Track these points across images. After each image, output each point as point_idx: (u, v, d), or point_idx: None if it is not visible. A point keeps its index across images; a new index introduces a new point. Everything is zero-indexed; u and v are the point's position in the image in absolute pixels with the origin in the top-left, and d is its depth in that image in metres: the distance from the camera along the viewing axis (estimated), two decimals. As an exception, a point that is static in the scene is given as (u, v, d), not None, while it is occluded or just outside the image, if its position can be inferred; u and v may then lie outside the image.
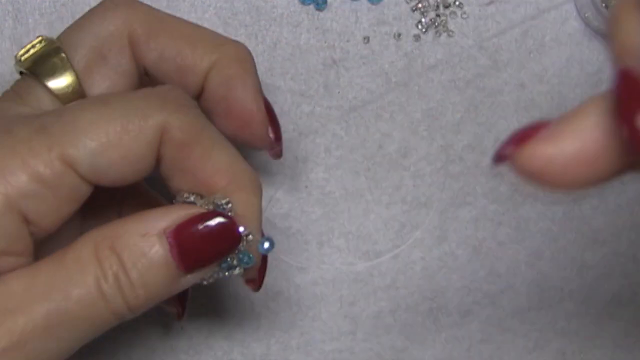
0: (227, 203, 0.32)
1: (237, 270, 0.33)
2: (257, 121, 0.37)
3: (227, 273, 0.33)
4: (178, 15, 0.44)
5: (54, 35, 0.45)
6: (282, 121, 0.44)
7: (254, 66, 0.38)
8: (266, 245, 0.33)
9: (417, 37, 0.45)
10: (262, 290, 0.43)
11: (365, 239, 0.45)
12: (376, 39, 0.45)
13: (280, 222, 0.45)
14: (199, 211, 0.32)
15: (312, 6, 0.45)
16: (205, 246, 0.32)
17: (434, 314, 0.46)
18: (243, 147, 0.36)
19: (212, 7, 0.44)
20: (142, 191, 0.39)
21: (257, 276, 0.37)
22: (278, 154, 0.40)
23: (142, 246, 0.31)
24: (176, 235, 0.31)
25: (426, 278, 0.46)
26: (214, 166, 0.33)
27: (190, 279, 0.32)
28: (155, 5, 0.44)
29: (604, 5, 0.44)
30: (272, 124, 0.38)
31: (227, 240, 0.32)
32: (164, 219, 0.31)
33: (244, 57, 0.37)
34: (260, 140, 0.38)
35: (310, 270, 0.45)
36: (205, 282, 0.33)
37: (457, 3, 0.45)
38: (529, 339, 0.47)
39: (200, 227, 0.32)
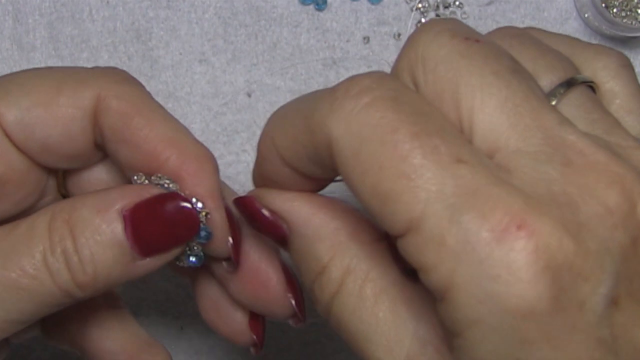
0: (169, 183, 0.31)
1: (197, 251, 0.32)
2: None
3: (189, 252, 0.32)
4: (178, 15, 0.44)
5: (54, 35, 0.45)
6: (282, 121, 0.44)
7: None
8: (202, 233, 0.31)
9: (417, 37, 0.45)
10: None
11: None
12: (376, 39, 0.45)
13: (280, 222, 0.45)
14: (159, 192, 0.31)
15: (312, 6, 0.45)
16: (161, 229, 0.30)
17: (434, 314, 0.46)
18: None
19: (212, 7, 0.44)
20: None
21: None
22: (301, 320, 0.35)
23: (96, 221, 0.30)
24: (132, 214, 0.30)
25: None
26: (156, 136, 0.31)
27: (148, 264, 0.31)
28: (155, 5, 0.44)
29: (603, 5, 0.44)
30: (291, 286, 0.34)
31: (184, 226, 0.31)
32: (123, 198, 0.30)
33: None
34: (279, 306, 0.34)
35: (310, 270, 0.45)
36: (179, 264, 0.32)
37: (457, 3, 0.45)
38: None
39: (158, 209, 0.30)
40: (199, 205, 0.31)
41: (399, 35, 0.45)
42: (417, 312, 0.28)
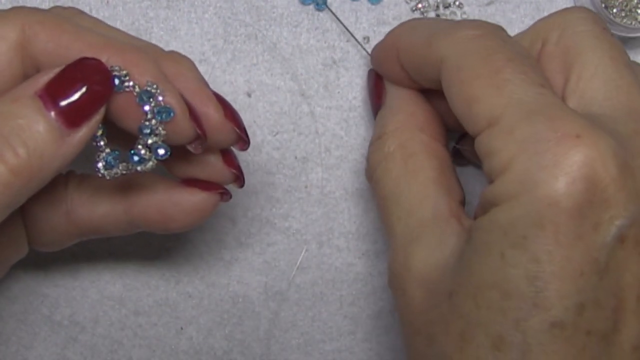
0: (116, 67, 0.32)
1: (160, 136, 0.32)
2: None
3: (154, 139, 0.32)
4: (178, 15, 0.44)
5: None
6: (282, 121, 0.44)
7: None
8: (164, 111, 0.32)
9: (417, 37, 0.45)
10: (262, 290, 0.43)
11: (365, 238, 0.45)
12: (376, 39, 0.45)
13: (280, 222, 0.45)
14: (63, 67, 0.31)
15: (312, 6, 0.45)
16: (78, 93, 0.31)
17: (434, 314, 0.46)
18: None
19: (212, 7, 0.44)
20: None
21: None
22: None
23: (15, 109, 0.30)
24: (47, 92, 0.31)
25: (426, 278, 0.46)
26: (88, 43, 0.32)
27: (80, 137, 0.31)
28: (155, 5, 0.44)
29: (603, 5, 0.44)
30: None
31: (98, 80, 0.31)
32: (33, 83, 0.31)
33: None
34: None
35: (310, 270, 0.45)
36: (147, 165, 0.32)
37: (457, 3, 0.45)
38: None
39: (68, 77, 0.31)
40: (155, 87, 0.32)
41: (399, 35, 0.45)
42: (443, 192, 0.35)
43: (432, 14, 0.45)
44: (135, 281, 0.45)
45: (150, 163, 0.33)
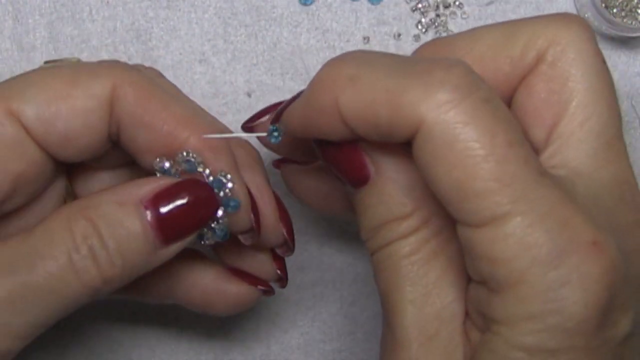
0: (193, 154, 0.32)
1: (223, 222, 0.32)
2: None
3: (215, 225, 0.32)
4: (178, 15, 0.44)
5: (54, 35, 0.45)
6: (282, 121, 0.44)
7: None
8: (232, 203, 0.32)
9: (417, 37, 0.45)
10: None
11: (365, 239, 0.45)
12: (376, 39, 0.45)
13: (280, 222, 0.45)
14: (175, 180, 0.32)
15: (312, 6, 0.45)
16: (182, 214, 0.31)
17: (434, 314, 0.46)
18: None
19: (212, 7, 0.44)
20: None
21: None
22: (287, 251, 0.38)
23: (120, 215, 0.30)
24: (153, 204, 0.31)
25: (426, 278, 0.46)
26: (174, 116, 0.32)
27: (169, 252, 0.32)
28: (155, 5, 0.44)
29: (603, 5, 0.44)
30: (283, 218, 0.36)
31: (204, 206, 0.32)
32: (141, 189, 0.31)
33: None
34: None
35: (310, 270, 0.45)
36: (204, 242, 0.33)
37: (457, 3, 0.45)
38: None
39: (177, 194, 0.31)
40: (228, 177, 0.32)
41: (399, 35, 0.45)
42: (459, 287, 0.30)
43: (432, 14, 0.45)
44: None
45: (209, 242, 0.33)
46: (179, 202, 0.31)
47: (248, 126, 0.37)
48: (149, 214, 0.31)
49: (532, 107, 0.31)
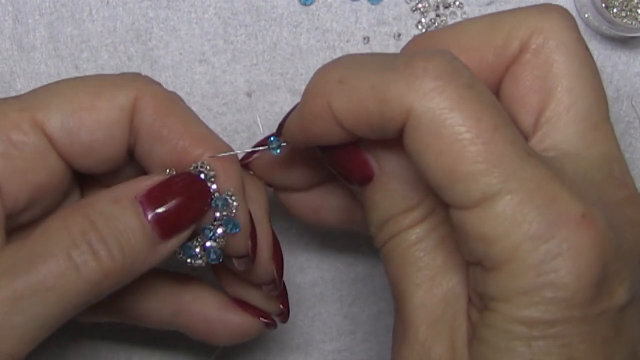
0: (207, 166, 0.33)
1: (220, 242, 0.33)
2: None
3: (212, 243, 0.33)
4: (178, 15, 0.44)
5: (54, 35, 0.45)
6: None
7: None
8: (231, 226, 0.33)
9: (417, 37, 0.45)
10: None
11: (365, 239, 0.45)
12: (376, 39, 0.45)
13: (280, 222, 0.45)
14: (167, 176, 0.32)
15: (312, 6, 0.45)
16: (177, 206, 0.32)
17: (434, 314, 0.46)
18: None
19: (212, 7, 0.44)
20: None
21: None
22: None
23: (116, 211, 0.31)
24: (148, 199, 0.31)
25: (426, 278, 0.46)
26: (190, 133, 0.33)
27: (167, 248, 0.32)
28: (155, 5, 0.44)
29: (603, 5, 0.44)
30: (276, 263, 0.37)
31: (197, 197, 0.32)
32: (135, 187, 0.32)
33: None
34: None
35: (310, 270, 0.45)
36: (197, 263, 0.33)
37: (457, 3, 0.45)
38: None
39: (170, 188, 0.32)
40: (234, 198, 0.33)
41: (399, 35, 0.45)
42: (463, 270, 0.31)
43: (432, 14, 0.45)
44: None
45: (200, 262, 0.33)
46: (173, 195, 0.32)
47: (244, 163, 0.37)
48: (144, 209, 0.31)
49: (518, 95, 0.32)
